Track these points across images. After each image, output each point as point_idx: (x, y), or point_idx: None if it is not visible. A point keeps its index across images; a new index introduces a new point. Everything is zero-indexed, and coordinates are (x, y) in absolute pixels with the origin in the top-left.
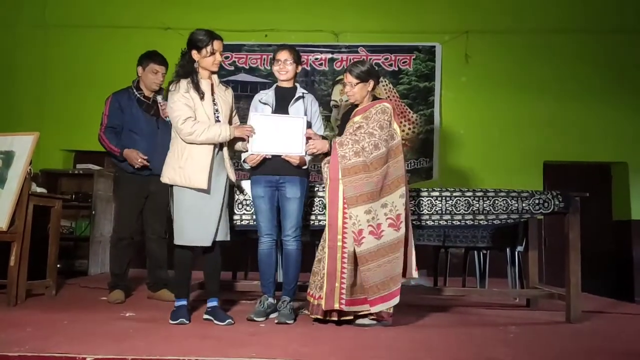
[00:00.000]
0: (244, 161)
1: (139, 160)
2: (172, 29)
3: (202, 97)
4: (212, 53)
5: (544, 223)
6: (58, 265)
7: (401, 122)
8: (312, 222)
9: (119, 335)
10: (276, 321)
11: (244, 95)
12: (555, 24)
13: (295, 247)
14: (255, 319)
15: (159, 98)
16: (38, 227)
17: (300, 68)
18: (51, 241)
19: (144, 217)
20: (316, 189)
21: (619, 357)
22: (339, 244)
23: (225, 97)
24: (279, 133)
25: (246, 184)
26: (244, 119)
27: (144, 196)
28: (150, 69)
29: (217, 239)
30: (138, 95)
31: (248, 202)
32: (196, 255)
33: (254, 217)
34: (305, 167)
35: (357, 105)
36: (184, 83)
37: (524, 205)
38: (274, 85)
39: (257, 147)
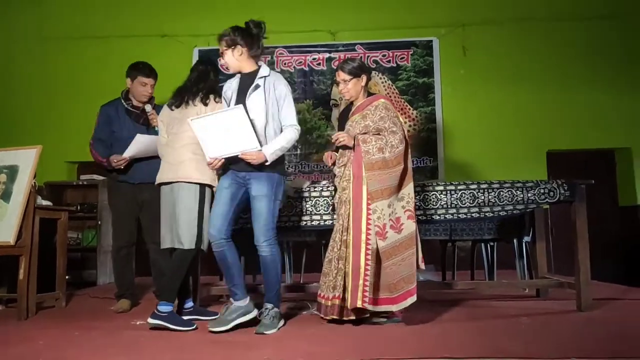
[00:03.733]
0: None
1: (117, 162)
2: (168, 36)
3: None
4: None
5: (550, 212)
6: (67, 277)
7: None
8: (317, 222)
9: (131, 344)
10: (255, 332)
11: None
12: (552, 12)
13: (269, 253)
14: (211, 329)
15: (148, 107)
16: (45, 240)
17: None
18: (59, 253)
19: (143, 226)
20: (320, 188)
21: (632, 344)
22: (363, 238)
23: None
24: (227, 131)
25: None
26: None
27: (137, 204)
28: (139, 82)
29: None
30: (126, 105)
31: None
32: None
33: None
34: (268, 163)
35: (353, 103)
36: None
37: (529, 195)
38: (239, 74)
39: (211, 152)
